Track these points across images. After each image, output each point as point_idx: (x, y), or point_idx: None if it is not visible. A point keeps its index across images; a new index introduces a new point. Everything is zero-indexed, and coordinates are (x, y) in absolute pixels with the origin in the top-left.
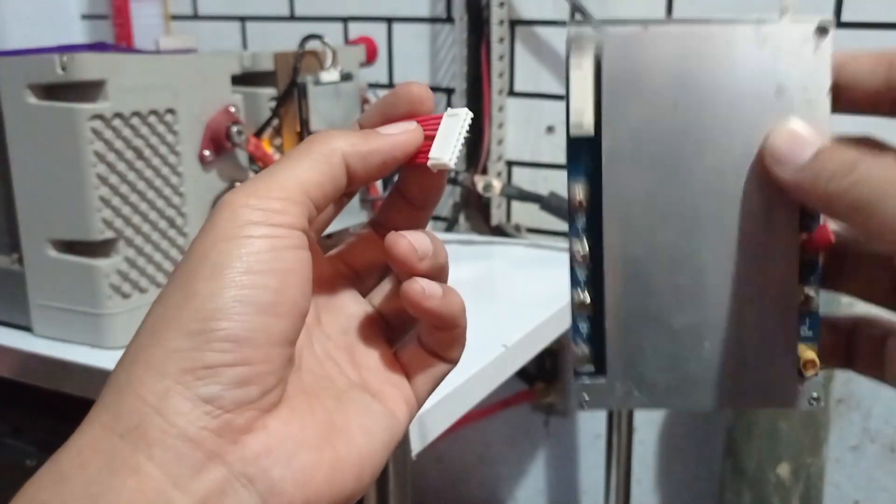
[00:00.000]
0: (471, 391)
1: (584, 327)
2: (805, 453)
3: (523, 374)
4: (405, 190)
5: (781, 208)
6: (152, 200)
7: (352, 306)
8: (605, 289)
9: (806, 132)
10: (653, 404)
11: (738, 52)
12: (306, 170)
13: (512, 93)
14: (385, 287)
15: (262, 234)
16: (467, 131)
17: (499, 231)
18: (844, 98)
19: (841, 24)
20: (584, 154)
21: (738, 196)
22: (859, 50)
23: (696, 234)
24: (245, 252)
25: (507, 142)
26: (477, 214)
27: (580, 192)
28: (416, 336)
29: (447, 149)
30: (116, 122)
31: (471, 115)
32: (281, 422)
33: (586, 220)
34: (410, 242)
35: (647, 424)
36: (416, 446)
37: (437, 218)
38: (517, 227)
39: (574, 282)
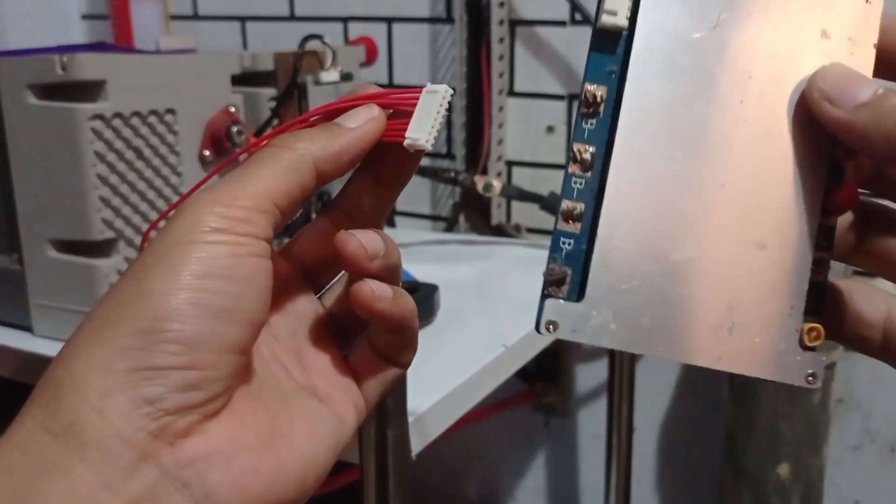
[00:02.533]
0: (471, 391)
1: (567, 244)
2: (805, 453)
3: (523, 374)
4: (374, 168)
5: (810, 157)
6: (152, 200)
7: (302, 306)
8: (605, 200)
9: (860, 73)
10: (629, 345)
11: None
12: (275, 177)
13: (512, 93)
14: (337, 287)
15: (224, 240)
16: (447, 110)
17: (499, 231)
18: (884, 62)
19: None
20: (611, 50)
21: (765, 133)
22: None
23: (713, 164)
24: (205, 256)
25: (507, 142)
26: (477, 214)
27: (599, 89)
28: (366, 339)
29: (424, 128)
30: (116, 122)
31: (451, 91)
32: (221, 426)
33: (596, 123)
34: (360, 241)
35: (647, 424)
36: (416, 446)
37: (437, 218)
38: (517, 227)
39: (566, 189)
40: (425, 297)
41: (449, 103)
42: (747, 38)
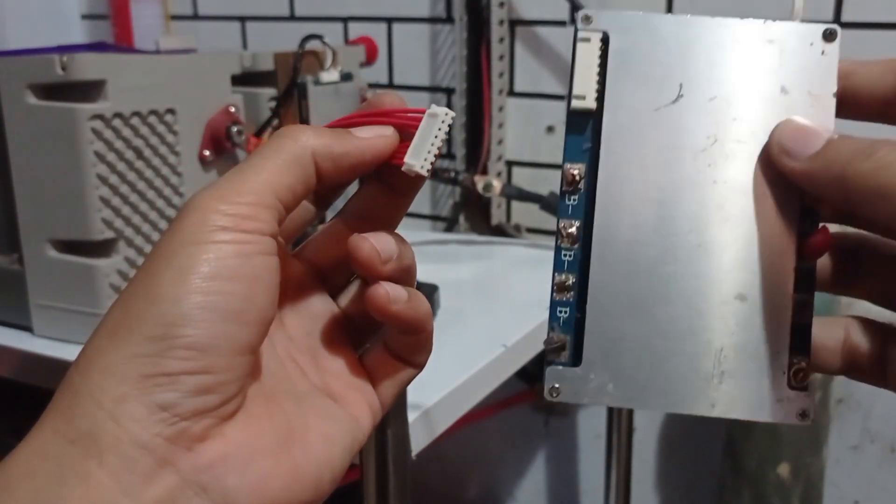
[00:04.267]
0: (471, 391)
1: (563, 312)
2: (805, 453)
3: (523, 374)
4: (387, 175)
5: (781, 208)
6: (152, 200)
7: (317, 307)
8: (591, 270)
9: (813, 125)
10: (627, 402)
11: (745, 47)
12: (277, 171)
13: (512, 93)
14: (352, 288)
15: (230, 239)
16: (446, 133)
17: (499, 231)
18: (853, 106)
19: (841, 25)
20: (584, 129)
21: (735, 191)
22: (865, 59)
23: (690, 225)
24: (212, 257)
25: (507, 142)
26: (477, 214)
27: (576, 168)
28: (381, 340)
29: (422, 154)
30: (116, 122)
31: (452, 114)
32: (238, 428)
33: (578, 198)
34: (373, 245)
35: (647, 424)
36: (416, 446)
37: (437, 218)
38: (517, 227)
39: (558, 262)
40: (425, 297)
41: (449, 126)
42: (710, 104)
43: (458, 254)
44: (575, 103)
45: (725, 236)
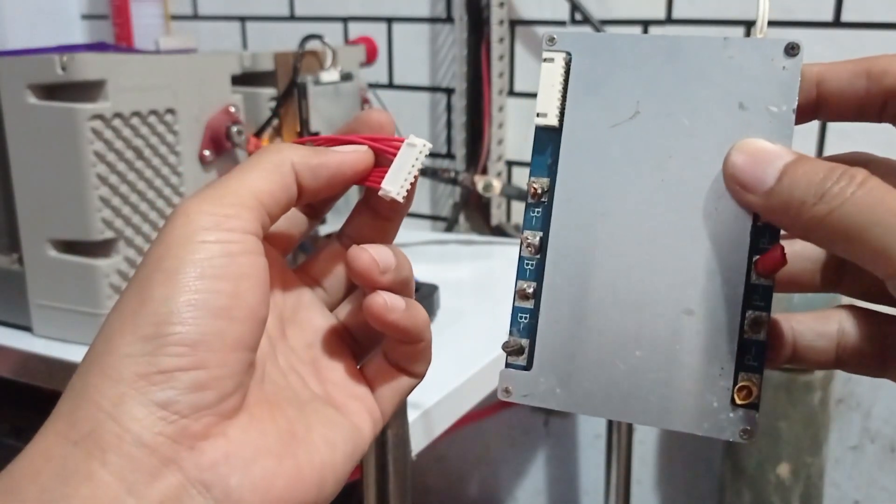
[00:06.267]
0: (471, 391)
1: (523, 318)
2: (805, 453)
3: None
4: (372, 201)
5: (733, 226)
6: (152, 200)
7: (318, 320)
8: (544, 280)
9: (768, 146)
10: (573, 407)
11: (704, 64)
12: (257, 178)
13: (512, 93)
14: (352, 301)
15: (215, 239)
16: (423, 163)
17: (499, 231)
18: (830, 109)
19: (841, 25)
20: (548, 145)
21: (689, 207)
22: (835, 61)
23: (642, 240)
24: (199, 257)
25: (507, 142)
26: (477, 214)
27: (539, 183)
28: (381, 350)
29: (398, 181)
30: (116, 122)
31: (429, 146)
32: (240, 429)
33: (541, 211)
34: (372, 256)
35: None
36: (416, 446)
37: (437, 218)
38: (517, 227)
39: (520, 271)
40: (425, 297)
41: (426, 157)
42: (666, 121)
43: (458, 254)
44: (538, 121)
45: (677, 251)
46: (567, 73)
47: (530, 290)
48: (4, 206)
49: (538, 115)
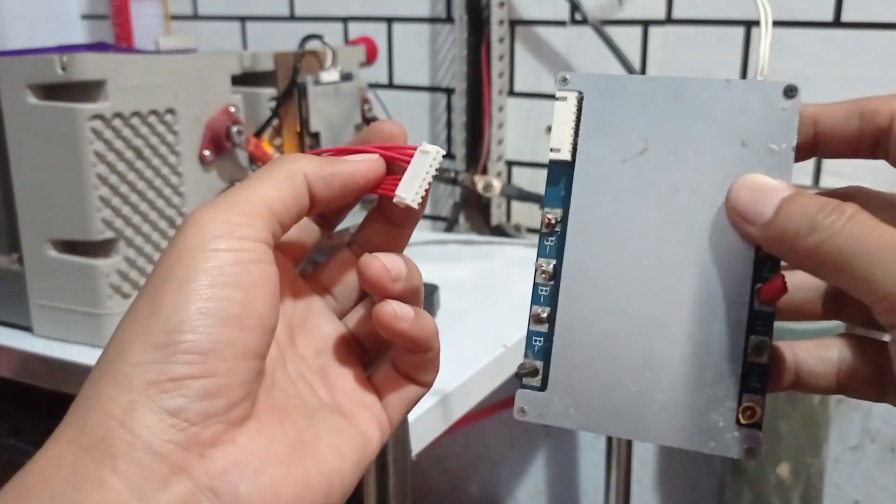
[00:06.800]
0: (471, 391)
1: (538, 341)
2: (805, 453)
3: None
4: (385, 209)
5: (737, 254)
6: (152, 200)
7: (327, 328)
8: (559, 307)
9: (766, 181)
10: (586, 426)
11: (708, 104)
12: (269, 187)
13: (512, 93)
14: (361, 309)
15: (227, 247)
16: (437, 170)
17: (499, 231)
18: (826, 147)
19: (841, 25)
20: (561, 178)
21: (695, 237)
22: (830, 102)
23: (651, 268)
24: (210, 266)
25: (507, 142)
26: (477, 214)
27: (553, 213)
28: (390, 359)
29: (412, 187)
30: (116, 122)
31: (442, 153)
32: (249, 436)
33: (555, 240)
34: (384, 264)
35: None
36: (416, 446)
37: (437, 218)
38: (517, 227)
39: (535, 296)
40: (425, 297)
41: (440, 163)
42: (673, 156)
43: (458, 254)
44: (552, 155)
45: (684, 279)
46: (579, 111)
47: (544, 315)
48: (4, 206)
49: (552, 149)
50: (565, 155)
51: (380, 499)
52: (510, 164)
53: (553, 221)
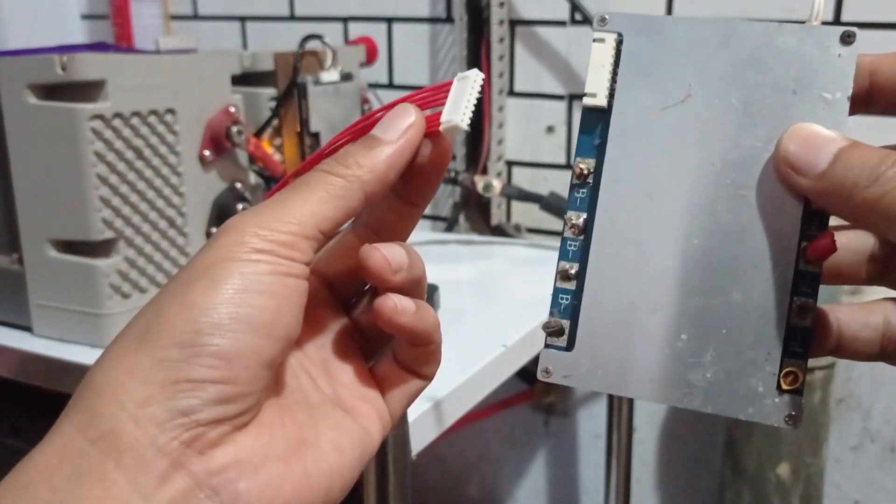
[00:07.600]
0: (471, 391)
1: (564, 299)
2: (805, 453)
3: (523, 374)
4: (399, 185)
5: (783, 211)
6: (152, 200)
7: (328, 320)
8: (589, 261)
9: (822, 131)
10: (615, 389)
11: (759, 49)
12: (323, 204)
13: (512, 93)
14: (363, 300)
15: (265, 259)
16: (479, 92)
17: (499, 231)
18: (881, 101)
19: (841, 25)
20: (596, 126)
21: (738, 191)
22: (889, 52)
23: (686, 222)
24: (248, 271)
25: (507, 142)
26: (477, 214)
27: (585, 163)
28: (391, 351)
29: (458, 110)
30: (116, 122)
31: (482, 75)
32: (250, 435)
33: (586, 192)
34: (384, 255)
35: (647, 424)
36: (416, 446)
37: (437, 218)
38: (517, 227)
39: (563, 251)
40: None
41: (481, 86)
42: (718, 104)
43: (458, 254)
44: (587, 101)
45: (725, 236)
46: (618, 53)
47: (573, 271)
48: (4, 206)
49: (587, 94)
50: (601, 101)
51: (380, 499)
52: (510, 164)
53: (585, 172)
